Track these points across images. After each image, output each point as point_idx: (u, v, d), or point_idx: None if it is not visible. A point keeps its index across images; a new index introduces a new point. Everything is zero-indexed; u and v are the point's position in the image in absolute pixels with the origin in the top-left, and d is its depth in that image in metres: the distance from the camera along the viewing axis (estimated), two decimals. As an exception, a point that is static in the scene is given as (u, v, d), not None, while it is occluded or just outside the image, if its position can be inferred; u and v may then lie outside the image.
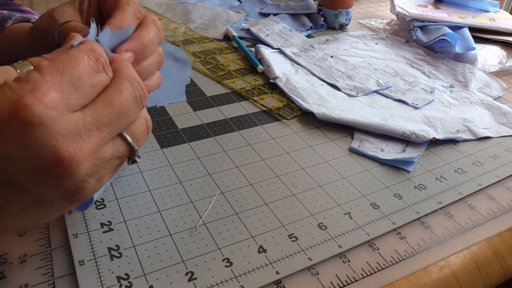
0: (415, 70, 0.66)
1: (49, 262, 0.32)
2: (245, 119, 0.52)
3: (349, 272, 0.33)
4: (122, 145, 0.25)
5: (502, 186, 0.44)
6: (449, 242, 0.37)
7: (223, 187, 0.41)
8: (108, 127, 0.24)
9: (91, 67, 0.23)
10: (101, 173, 0.25)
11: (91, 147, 0.23)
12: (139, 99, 0.25)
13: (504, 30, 0.79)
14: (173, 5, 0.88)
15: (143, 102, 0.26)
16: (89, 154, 0.23)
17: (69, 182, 0.22)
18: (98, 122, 0.23)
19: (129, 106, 0.25)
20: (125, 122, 0.25)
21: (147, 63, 0.30)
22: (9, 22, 0.43)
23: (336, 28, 0.83)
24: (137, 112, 0.26)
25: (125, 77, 0.25)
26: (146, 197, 0.39)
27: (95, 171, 0.24)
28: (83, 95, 0.23)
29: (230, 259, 0.33)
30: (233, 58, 0.68)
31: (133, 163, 0.28)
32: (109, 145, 0.24)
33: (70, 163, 0.22)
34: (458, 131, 0.50)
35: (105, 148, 0.24)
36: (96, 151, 0.23)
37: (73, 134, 0.22)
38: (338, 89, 0.59)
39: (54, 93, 0.21)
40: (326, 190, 0.41)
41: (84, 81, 0.23)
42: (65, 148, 0.21)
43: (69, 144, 0.22)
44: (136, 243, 0.34)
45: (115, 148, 0.25)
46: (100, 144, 0.23)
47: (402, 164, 0.45)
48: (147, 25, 0.30)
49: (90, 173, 0.23)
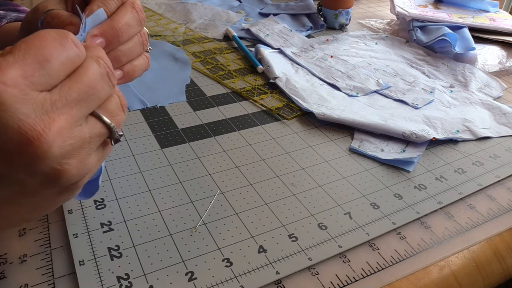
0: (415, 70, 0.66)
1: (49, 262, 0.32)
2: (245, 119, 0.52)
3: (349, 272, 0.33)
4: (97, 123, 0.25)
5: (502, 186, 0.44)
6: (449, 242, 0.37)
7: (223, 187, 0.41)
8: (77, 104, 0.23)
9: (58, 44, 0.22)
10: (81, 154, 0.24)
11: (61, 125, 0.22)
12: (106, 76, 0.25)
13: (504, 30, 0.79)
14: (173, 5, 0.88)
15: (111, 79, 0.25)
16: (59, 133, 0.22)
17: (44, 164, 0.22)
18: (66, 99, 0.22)
19: (97, 82, 0.24)
20: (96, 99, 0.24)
21: (127, 46, 0.30)
22: (3, 21, 0.43)
23: (336, 28, 0.83)
24: (107, 89, 0.25)
25: (90, 57, 0.25)
26: (146, 197, 0.39)
27: (73, 151, 0.23)
28: (52, 74, 0.22)
29: (230, 259, 0.33)
30: (233, 58, 0.68)
31: (116, 142, 0.27)
32: (84, 125, 0.24)
33: (39, 142, 0.21)
34: (458, 131, 0.50)
35: (80, 128, 0.23)
36: (67, 130, 0.22)
37: (40, 113, 0.21)
38: (338, 89, 0.59)
39: (14, 70, 0.20)
40: (326, 190, 0.41)
41: (51, 58, 0.22)
42: (32, 127, 0.21)
43: (36, 123, 0.21)
44: (136, 243, 0.34)
45: (91, 127, 0.24)
46: (70, 122, 0.23)
47: (402, 164, 0.45)
48: (124, 8, 0.30)
49: (67, 154, 0.23)
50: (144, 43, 0.32)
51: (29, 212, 0.26)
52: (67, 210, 0.36)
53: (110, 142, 0.27)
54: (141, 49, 0.32)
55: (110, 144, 0.27)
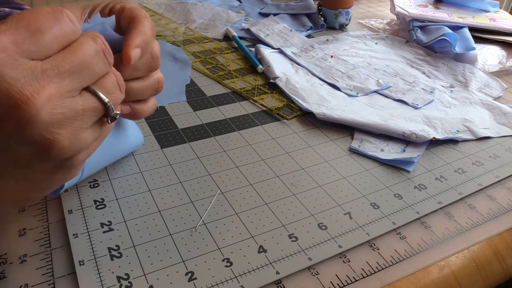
0: (415, 70, 0.66)
1: (49, 262, 0.32)
2: (245, 119, 0.52)
3: (349, 272, 0.33)
4: (91, 98, 0.25)
5: (502, 186, 0.44)
6: (449, 242, 0.37)
7: (223, 187, 0.41)
8: (70, 76, 0.23)
9: (52, 17, 0.23)
10: (73, 125, 0.24)
11: (51, 92, 0.22)
12: (101, 53, 0.25)
13: (504, 30, 0.79)
14: (173, 5, 0.88)
15: (107, 57, 0.26)
16: (49, 99, 0.22)
17: (33, 130, 0.22)
18: (58, 69, 0.23)
19: (91, 58, 0.24)
20: (90, 74, 0.25)
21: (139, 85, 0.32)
22: None
23: (336, 28, 0.83)
24: (102, 66, 0.25)
25: (86, 34, 0.25)
26: (146, 197, 0.39)
27: (64, 121, 0.23)
28: (44, 44, 0.22)
29: (230, 259, 0.33)
30: (233, 58, 0.68)
31: (113, 121, 0.27)
32: (77, 97, 0.24)
33: (27, 106, 0.21)
34: (458, 131, 0.50)
35: (72, 100, 0.24)
36: (57, 98, 0.22)
37: (29, 79, 0.21)
38: (338, 89, 0.59)
39: (4, 36, 0.21)
40: (326, 190, 0.41)
41: (44, 29, 0.22)
42: (20, 91, 0.21)
43: (25, 88, 0.21)
44: (136, 243, 0.34)
45: (85, 100, 0.25)
46: (61, 92, 0.23)
47: (402, 164, 0.45)
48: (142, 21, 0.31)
49: (57, 123, 0.23)
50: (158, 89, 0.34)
51: (26, 191, 0.26)
52: (67, 210, 0.36)
53: (107, 120, 0.27)
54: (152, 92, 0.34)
55: (107, 123, 0.27)
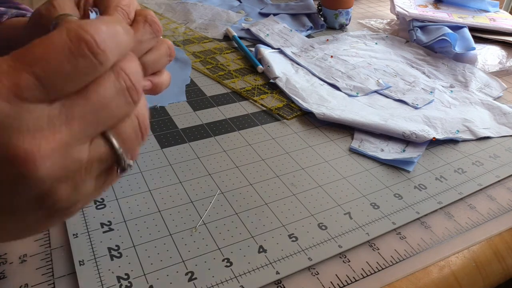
0: (415, 70, 0.66)
1: (49, 262, 0.32)
2: (245, 119, 0.52)
3: (349, 272, 0.33)
4: (103, 145, 0.21)
5: (502, 186, 0.44)
6: (449, 242, 0.37)
7: (223, 187, 0.41)
8: (81, 123, 0.19)
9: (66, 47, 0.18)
10: (75, 178, 0.20)
11: (54, 146, 0.19)
12: (125, 91, 0.21)
13: (504, 30, 0.79)
14: (173, 5, 0.88)
15: (132, 95, 0.21)
16: (52, 153, 0.19)
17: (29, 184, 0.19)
18: (67, 117, 0.19)
19: (111, 99, 0.20)
20: (108, 119, 0.21)
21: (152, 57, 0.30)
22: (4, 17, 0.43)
23: (336, 28, 0.83)
24: (123, 107, 0.21)
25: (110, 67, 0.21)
26: (146, 197, 0.39)
27: (65, 175, 0.20)
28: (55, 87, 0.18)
29: (230, 259, 0.33)
30: (233, 58, 0.68)
31: (122, 172, 0.23)
32: (85, 145, 0.20)
33: (25, 161, 0.18)
34: (458, 131, 0.50)
35: (79, 148, 0.20)
36: (63, 150, 0.19)
37: (33, 130, 0.18)
38: (338, 89, 0.59)
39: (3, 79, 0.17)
40: (326, 190, 0.41)
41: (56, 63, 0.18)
42: (21, 144, 0.18)
43: (26, 141, 0.18)
44: (136, 243, 0.34)
45: (94, 149, 0.21)
46: (67, 142, 0.19)
47: (402, 164, 0.45)
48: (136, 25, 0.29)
49: (59, 177, 0.20)
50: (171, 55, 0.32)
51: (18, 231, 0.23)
52: (67, 210, 0.36)
53: (116, 170, 0.23)
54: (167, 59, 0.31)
55: (115, 172, 0.23)
